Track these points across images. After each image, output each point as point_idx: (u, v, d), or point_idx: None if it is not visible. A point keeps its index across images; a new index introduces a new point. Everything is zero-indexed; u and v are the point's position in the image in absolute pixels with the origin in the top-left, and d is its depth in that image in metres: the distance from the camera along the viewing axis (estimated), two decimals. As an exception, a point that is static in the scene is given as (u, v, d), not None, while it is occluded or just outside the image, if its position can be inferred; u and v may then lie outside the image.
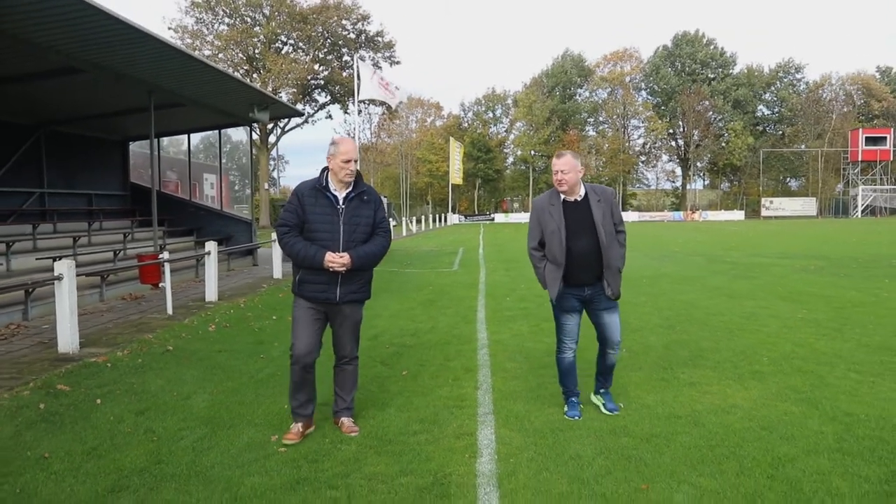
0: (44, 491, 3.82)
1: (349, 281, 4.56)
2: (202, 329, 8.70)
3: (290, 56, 46.49)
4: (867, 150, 71.20)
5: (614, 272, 4.78)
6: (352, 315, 4.71)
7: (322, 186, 4.56)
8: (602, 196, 4.84)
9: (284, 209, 4.66)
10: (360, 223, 4.58)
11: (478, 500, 3.58)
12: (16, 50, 9.16)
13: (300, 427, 4.57)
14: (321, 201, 4.54)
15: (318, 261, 4.43)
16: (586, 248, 4.72)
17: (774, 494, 3.56)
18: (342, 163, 4.50)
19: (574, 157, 4.80)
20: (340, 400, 4.84)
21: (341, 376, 4.85)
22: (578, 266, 4.74)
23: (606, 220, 4.76)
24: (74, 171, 16.11)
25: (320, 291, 4.55)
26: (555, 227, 4.75)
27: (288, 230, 4.53)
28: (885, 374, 5.97)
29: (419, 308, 10.43)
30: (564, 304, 4.87)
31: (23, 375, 6.21)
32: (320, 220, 4.50)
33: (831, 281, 13.03)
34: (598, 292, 4.81)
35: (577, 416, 4.88)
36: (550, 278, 4.83)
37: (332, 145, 4.59)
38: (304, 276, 4.57)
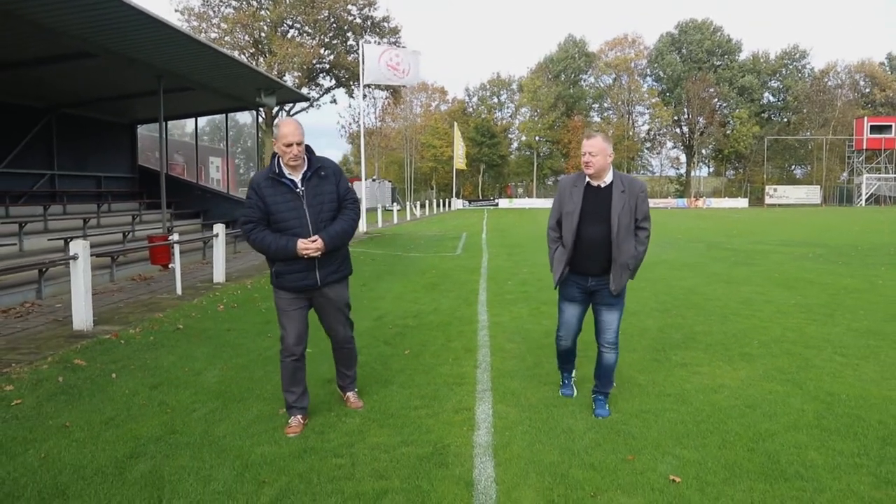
0: (66, 457, 4.06)
1: (327, 262, 4.45)
2: (211, 309, 8.96)
3: (296, 40, 46.50)
4: (872, 138, 71.02)
5: (621, 267, 4.53)
6: (337, 297, 4.61)
7: (276, 174, 4.37)
8: (628, 187, 4.58)
9: (245, 205, 4.50)
10: (325, 200, 4.42)
11: (474, 468, 3.82)
12: (32, 34, 9.39)
13: (300, 419, 4.54)
14: (279, 189, 4.36)
15: (291, 250, 4.29)
16: (597, 237, 4.53)
17: (752, 465, 3.80)
18: (284, 146, 4.29)
19: (605, 140, 4.56)
20: (344, 376, 4.91)
21: (341, 355, 4.88)
22: (585, 253, 4.58)
23: (625, 213, 4.51)
24: (84, 154, 16.36)
25: (300, 280, 4.43)
26: (571, 209, 4.58)
27: (253, 225, 4.37)
28: (869, 358, 6.19)
29: (422, 291, 10.67)
30: (566, 292, 4.77)
31: (41, 351, 6.47)
32: (284, 209, 4.34)
33: (828, 268, 13.22)
34: (602, 285, 4.62)
35: (570, 395, 5.00)
36: (557, 261, 4.71)
37: (275, 128, 4.43)
38: (280, 268, 4.44)
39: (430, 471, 3.79)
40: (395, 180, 76.08)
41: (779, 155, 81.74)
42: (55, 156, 15.23)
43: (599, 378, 4.79)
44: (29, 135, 14.33)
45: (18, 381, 5.49)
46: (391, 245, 19.99)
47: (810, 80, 79.73)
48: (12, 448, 4.18)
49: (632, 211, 4.56)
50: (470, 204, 72.45)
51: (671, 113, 79.49)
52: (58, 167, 15.31)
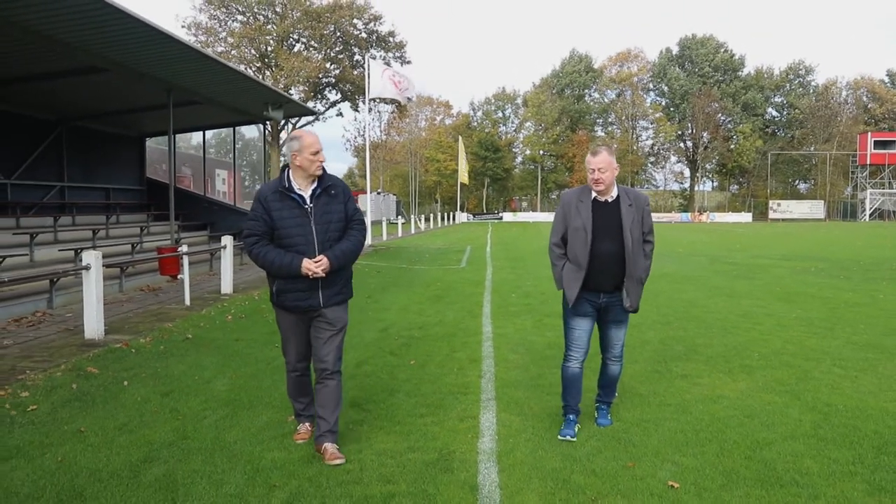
0: (82, 461, 4.18)
1: (331, 283, 4.27)
2: (219, 319, 9.10)
3: (303, 54, 46.92)
4: (876, 153, 71.11)
5: (635, 283, 4.53)
6: (335, 318, 4.35)
7: (286, 188, 4.21)
8: (635, 201, 4.56)
9: (249, 217, 4.29)
10: (333, 220, 4.26)
11: (479, 473, 3.94)
12: (46, 49, 9.59)
13: (308, 426, 4.56)
14: (287, 203, 4.19)
15: (296, 268, 4.11)
16: (610, 253, 4.46)
17: (749, 472, 3.91)
18: (311, 155, 4.15)
19: (610, 153, 4.51)
20: (323, 422, 4.29)
21: (323, 394, 4.35)
22: (599, 270, 4.48)
23: (635, 227, 4.49)
24: (93, 166, 16.58)
25: (302, 300, 4.25)
26: (580, 225, 4.49)
27: (257, 239, 4.19)
28: (867, 370, 6.29)
29: (427, 303, 10.79)
30: (578, 309, 4.60)
31: (54, 359, 6.61)
32: (290, 224, 4.17)
33: (830, 283, 13.32)
34: (614, 302, 4.57)
35: (570, 437, 4.49)
36: (568, 279, 4.55)
37: (294, 140, 4.23)
38: (282, 286, 4.26)
39: (435, 476, 3.91)
40: (400, 194, 76.35)
41: (782, 170, 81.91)
42: (65, 168, 15.45)
43: (603, 388, 4.81)
44: (40, 147, 14.56)
45: (33, 388, 5.63)
46: (396, 258, 20.14)
47: (814, 96, 79.99)
48: (30, 452, 4.31)
49: (640, 225, 4.54)
50: (474, 217, 72.64)
51: (675, 128, 79.79)
52: (68, 179, 15.53)
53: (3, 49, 9.80)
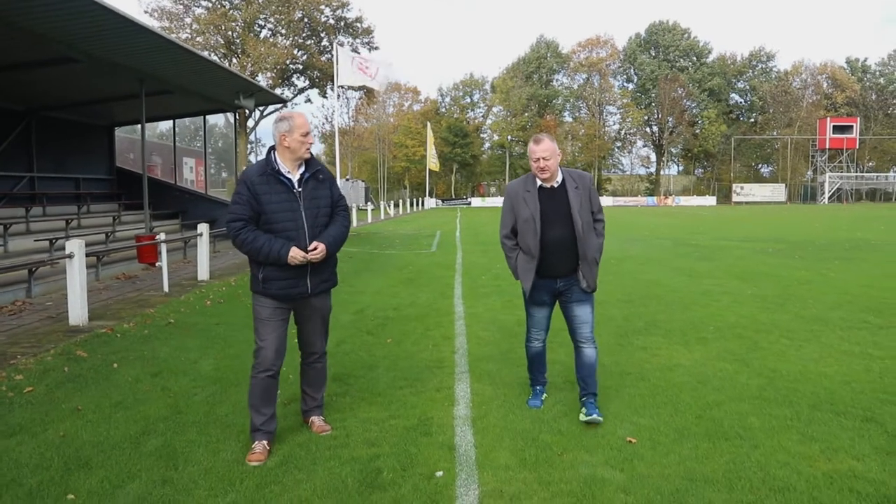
0: (84, 435, 4.46)
1: (320, 270, 4.22)
2: (198, 304, 9.34)
3: (269, 40, 46.62)
4: (834, 138, 73.02)
5: (590, 264, 4.51)
6: (322, 306, 4.37)
7: (274, 170, 4.08)
8: (580, 182, 4.55)
9: (233, 201, 4.11)
10: (321, 205, 4.19)
11: (455, 435, 4.31)
12: (18, 40, 9.65)
13: (265, 444, 4.10)
14: (276, 187, 4.06)
15: (285, 256, 3.98)
16: (561, 239, 4.46)
17: (699, 429, 4.34)
18: (301, 137, 4.07)
19: (552, 140, 4.50)
20: (310, 398, 4.48)
21: (311, 374, 4.48)
22: (552, 257, 4.49)
23: (584, 209, 4.48)
24: (63, 156, 16.54)
25: (290, 287, 4.13)
26: (529, 216, 4.48)
27: (243, 224, 4.02)
28: (812, 341, 6.80)
29: (400, 286, 11.13)
30: (535, 298, 4.66)
31: (42, 344, 6.83)
32: (279, 209, 4.05)
33: (785, 262, 13.94)
34: (571, 284, 4.57)
35: (538, 406, 4.76)
36: (523, 269, 4.57)
37: (284, 121, 4.10)
38: (269, 273, 4.10)
39: (416, 438, 4.27)
40: (368, 180, 76.32)
41: (746, 154, 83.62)
42: (34, 158, 15.41)
43: (584, 378, 4.63)
44: (9, 137, 14.51)
45: (27, 372, 5.86)
46: (367, 243, 20.41)
47: (776, 82, 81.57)
48: (32, 428, 4.57)
49: (588, 206, 4.53)
50: (443, 203, 72.96)
51: (642, 113, 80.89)
52: (37, 169, 15.49)
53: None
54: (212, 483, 3.69)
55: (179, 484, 3.68)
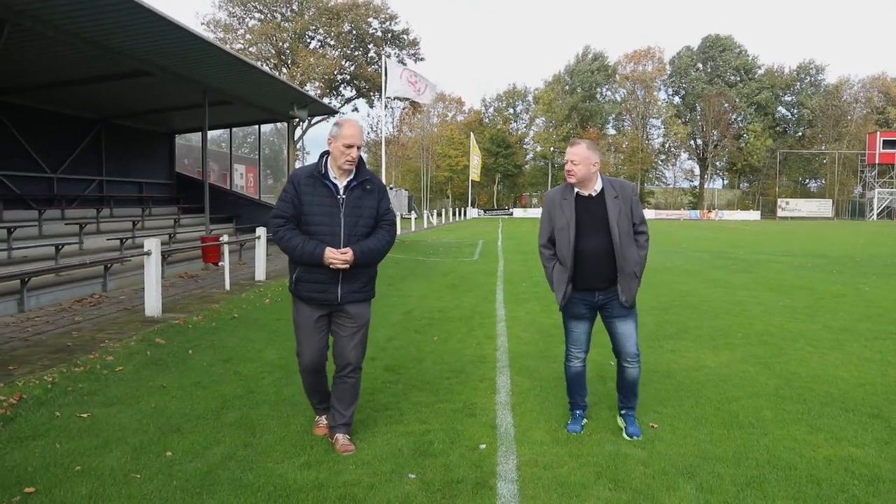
0: (172, 407, 5.13)
1: (351, 279, 4.15)
2: (258, 302, 10.06)
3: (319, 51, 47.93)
4: (885, 153, 71.43)
5: (629, 277, 4.33)
6: (358, 316, 4.28)
7: (321, 174, 4.12)
8: (621, 192, 4.37)
9: (280, 198, 4.19)
10: (363, 215, 4.15)
11: (497, 417, 4.87)
12: (99, 56, 10.55)
13: (325, 420, 4.50)
14: (320, 190, 4.09)
15: (318, 257, 3.99)
16: (598, 249, 4.30)
17: (716, 418, 4.82)
18: (344, 147, 4.06)
19: (589, 148, 4.35)
20: (338, 415, 4.35)
21: (341, 389, 4.36)
22: (588, 269, 4.34)
23: (623, 219, 4.30)
24: (128, 161, 17.64)
25: (319, 291, 4.14)
26: (564, 224, 4.34)
27: (284, 222, 4.09)
28: (836, 349, 7.17)
29: (444, 290, 11.73)
30: (572, 311, 4.50)
31: (124, 332, 7.58)
32: (319, 212, 4.07)
33: (821, 276, 14.16)
34: (611, 298, 4.40)
35: (577, 431, 4.54)
36: (557, 280, 4.43)
37: (336, 126, 4.15)
38: (301, 275, 4.16)
39: (461, 419, 4.84)
40: (412, 189, 77.35)
41: (792, 168, 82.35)
42: (103, 163, 16.47)
43: (625, 393, 4.60)
44: (82, 143, 15.58)
45: (115, 354, 6.60)
46: (412, 251, 21.08)
47: (825, 95, 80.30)
48: (127, 400, 5.26)
49: (628, 216, 4.35)
50: (485, 213, 73.53)
51: (685, 128, 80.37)
52: (106, 173, 16.55)
53: (60, 56, 10.77)
54: (286, 448, 4.31)
55: (259, 447, 4.30)
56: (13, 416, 4.79)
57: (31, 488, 3.65)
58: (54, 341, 7.13)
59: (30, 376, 5.67)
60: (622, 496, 3.58)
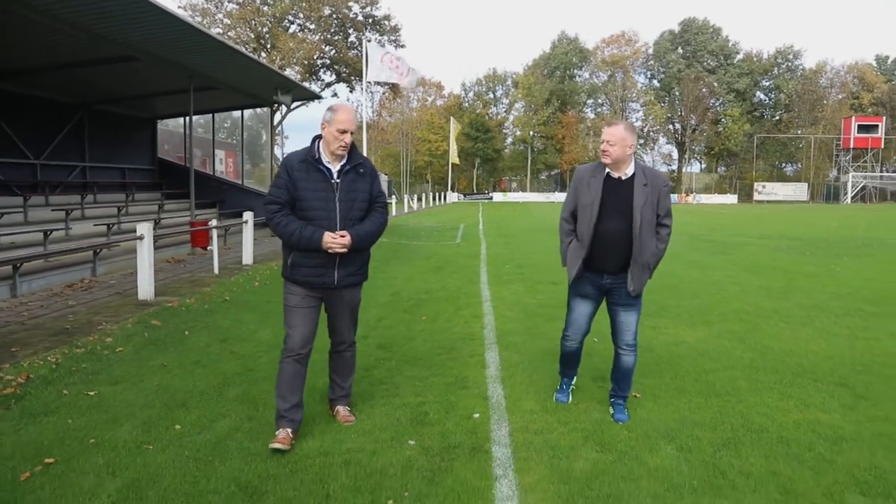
0: (176, 384, 5.33)
1: (348, 263, 4.19)
2: (248, 285, 10.24)
3: (299, 35, 47.65)
4: (859, 137, 72.64)
5: (641, 267, 4.30)
6: (351, 299, 4.40)
7: (314, 158, 4.10)
8: (651, 181, 4.30)
9: (273, 184, 4.18)
10: (358, 198, 4.18)
11: (488, 389, 5.13)
12: (84, 41, 10.58)
13: (289, 432, 4.12)
14: (313, 175, 4.09)
15: (316, 242, 4.01)
16: (616, 232, 4.26)
17: (694, 388, 5.12)
18: (337, 132, 4.04)
19: (627, 129, 4.28)
20: (337, 387, 4.57)
21: (339, 363, 4.57)
22: (603, 250, 4.31)
23: (647, 208, 4.24)
24: (111, 147, 17.59)
25: (317, 276, 4.16)
26: (589, 202, 4.31)
27: (279, 208, 4.07)
28: (807, 325, 7.52)
29: (429, 273, 11.96)
30: (579, 288, 4.50)
31: (120, 315, 7.74)
32: (314, 197, 4.07)
33: (795, 258, 14.59)
34: (619, 284, 4.38)
35: (563, 401, 4.73)
36: (572, 256, 4.43)
37: (329, 111, 4.13)
38: (297, 259, 4.15)
39: (455, 391, 5.10)
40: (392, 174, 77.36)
41: (769, 152, 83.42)
42: (86, 149, 16.45)
43: (617, 381, 4.62)
44: (65, 129, 15.55)
45: (114, 335, 6.77)
46: (394, 234, 21.26)
47: (802, 80, 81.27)
48: (131, 378, 5.45)
49: (654, 206, 4.28)
50: (465, 197, 73.75)
51: (665, 111, 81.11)
52: (89, 159, 16.53)
53: (46, 41, 10.78)
54: (290, 420, 4.53)
55: (263, 420, 4.52)
56: (23, 394, 4.97)
57: (50, 459, 3.85)
58: (52, 324, 7.28)
59: (34, 357, 5.85)
60: (608, 457, 3.86)
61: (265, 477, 3.65)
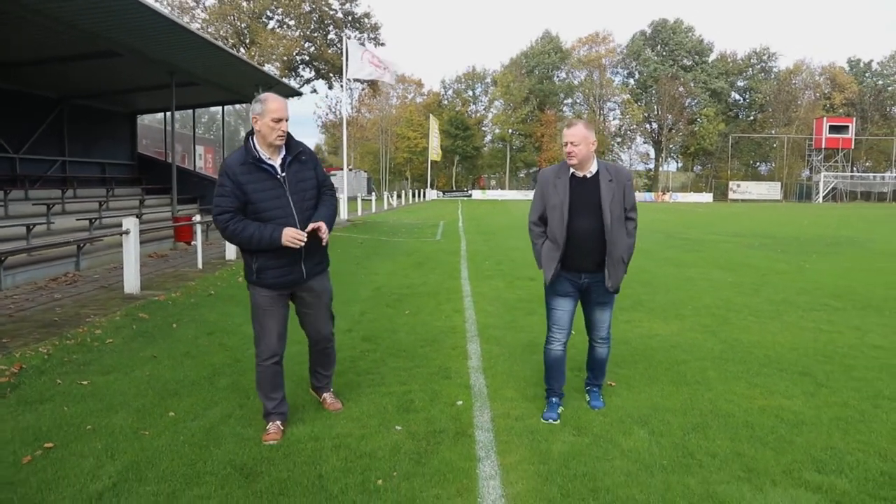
0: (166, 375, 5.48)
1: (312, 254, 4.17)
2: (231, 280, 10.36)
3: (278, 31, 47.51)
4: (830, 137, 74.03)
5: (617, 262, 4.35)
6: (322, 288, 4.36)
7: (255, 158, 3.96)
8: (615, 176, 4.37)
9: (217, 194, 3.99)
10: (307, 188, 4.11)
11: (470, 378, 5.35)
12: (65, 35, 10.62)
13: (279, 425, 4.24)
14: (258, 175, 3.95)
15: (277, 239, 3.90)
16: (588, 230, 4.30)
17: (666, 377, 5.37)
18: (272, 122, 3.90)
19: (587, 127, 4.31)
20: (321, 376, 4.67)
21: (320, 357, 4.62)
22: (578, 249, 4.34)
23: (615, 203, 4.30)
24: (90, 142, 17.57)
25: (285, 275, 4.11)
26: (557, 203, 4.33)
27: (231, 216, 3.93)
28: (775, 319, 7.83)
29: (410, 269, 12.16)
30: (557, 288, 4.48)
31: (107, 308, 7.85)
32: (265, 197, 3.95)
33: (767, 255, 14.98)
34: (596, 282, 4.42)
35: (553, 420, 4.45)
36: (547, 258, 4.43)
37: (258, 103, 3.95)
38: (263, 263, 4.05)
39: (438, 380, 5.30)
40: (371, 171, 77.37)
41: (743, 152, 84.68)
42: (66, 143, 16.41)
43: (592, 370, 4.79)
44: (44, 123, 15.51)
45: (102, 328, 6.89)
46: (374, 231, 21.43)
47: (777, 80, 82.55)
48: (122, 369, 5.60)
49: (621, 201, 4.36)
50: (444, 195, 73.98)
51: (642, 110, 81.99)
52: (68, 154, 16.49)
53: (27, 35, 10.80)
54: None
55: (253, 408, 4.68)
56: (17, 383, 5.10)
57: (49, 444, 4.00)
58: (40, 317, 7.38)
59: (25, 348, 5.97)
60: (584, 440, 4.10)
61: (259, 460, 3.83)
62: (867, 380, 5.33)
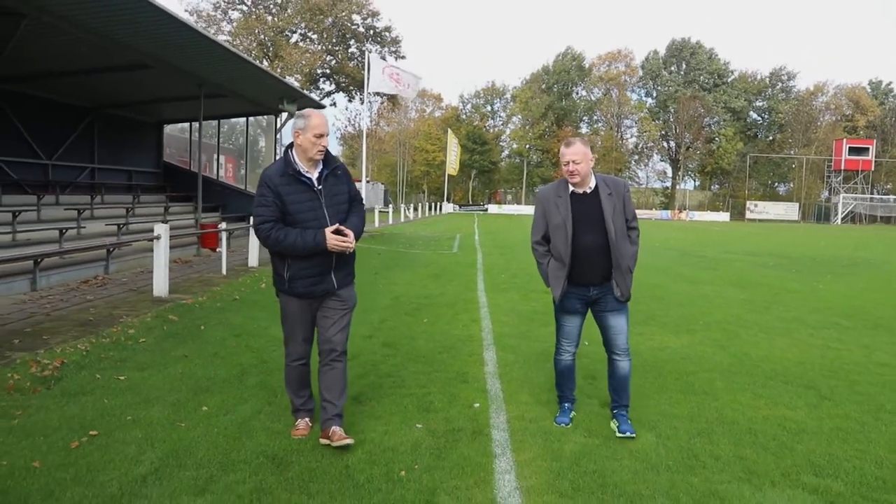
0: (198, 372, 5.78)
1: (342, 265, 4.28)
2: (255, 286, 10.69)
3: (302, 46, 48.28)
4: (850, 159, 73.68)
5: (624, 272, 4.42)
6: (348, 297, 4.40)
7: (295, 171, 4.12)
8: (614, 189, 4.43)
9: (258, 204, 4.14)
10: (341, 201, 4.25)
11: (487, 384, 5.60)
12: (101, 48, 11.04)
13: (308, 421, 4.46)
14: (297, 187, 4.11)
15: (320, 242, 4.04)
16: (594, 245, 4.35)
17: (675, 387, 5.60)
18: (314, 138, 4.07)
19: (584, 144, 4.39)
20: (330, 406, 4.31)
21: (330, 376, 4.37)
22: (585, 264, 4.38)
23: (617, 216, 4.37)
24: (118, 150, 18.05)
25: (316, 283, 4.20)
26: (560, 221, 4.38)
27: (272, 224, 4.07)
28: (784, 335, 8.01)
29: (428, 280, 12.44)
30: (567, 305, 4.55)
31: (138, 310, 8.18)
32: (302, 209, 4.09)
33: (781, 274, 15.12)
34: (605, 293, 4.48)
35: (565, 424, 4.59)
36: (554, 276, 4.48)
37: (301, 118, 4.13)
38: (295, 272, 4.17)
39: (456, 384, 5.56)
40: (388, 183, 77.91)
41: (761, 172, 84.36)
42: (95, 151, 16.90)
43: (616, 391, 4.65)
44: (76, 132, 16.00)
45: (135, 328, 7.21)
46: (392, 243, 21.76)
47: (796, 101, 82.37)
48: (156, 366, 5.90)
49: (622, 213, 4.43)
50: (460, 208, 74.31)
51: (659, 127, 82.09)
52: (97, 161, 16.97)
53: (67, 48, 11.24)
54: (306, 405, 4.98)
55: (282, 405, 4.96)
56: (60, 376, 5.42)
57: (94, 431, 4.29)
58: (76, 316, 7.72)
59: (64, 345, 6.29)
60: (595, 441, 4.34)
61: (290, 451, 4.10)
62: (870, 394, 5.53)
